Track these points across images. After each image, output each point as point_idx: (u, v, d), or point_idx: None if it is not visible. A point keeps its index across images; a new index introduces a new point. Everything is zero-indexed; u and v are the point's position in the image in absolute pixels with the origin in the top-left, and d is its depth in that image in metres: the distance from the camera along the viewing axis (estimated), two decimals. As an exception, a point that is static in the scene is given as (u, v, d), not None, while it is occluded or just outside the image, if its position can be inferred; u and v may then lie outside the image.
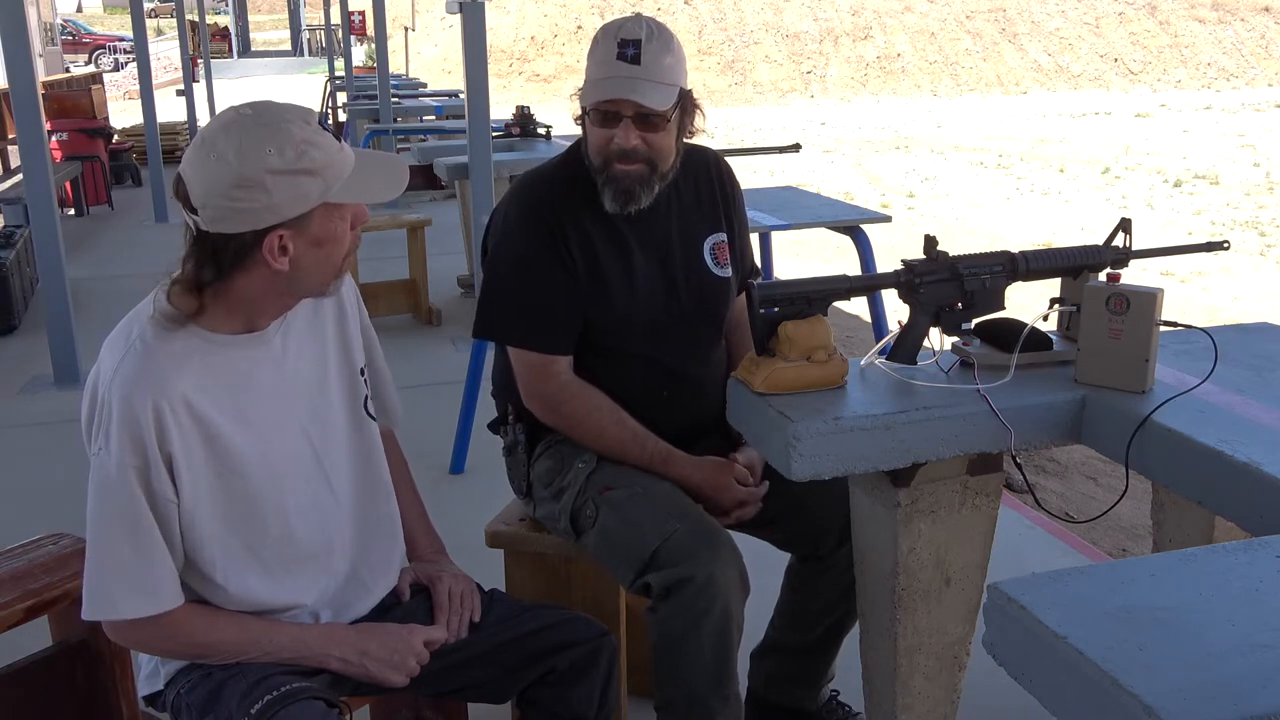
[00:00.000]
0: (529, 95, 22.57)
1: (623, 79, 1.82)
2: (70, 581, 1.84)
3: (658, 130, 1.85)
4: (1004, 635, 1.04)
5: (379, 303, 5.51)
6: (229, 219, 1.39)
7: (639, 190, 1.89)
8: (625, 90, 1.81)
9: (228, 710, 1.47)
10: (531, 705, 1.70)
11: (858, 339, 5.74)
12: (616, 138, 1.85)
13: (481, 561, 2.02)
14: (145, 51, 9.03)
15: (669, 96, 1.84)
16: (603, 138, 1.87)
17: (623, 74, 1.82)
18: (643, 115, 1.83)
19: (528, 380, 1.96)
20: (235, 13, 37.97)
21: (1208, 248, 1.91)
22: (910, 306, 1.72)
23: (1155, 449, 1.52)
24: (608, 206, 1.90)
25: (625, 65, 1.81)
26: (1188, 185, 12.16)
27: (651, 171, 1.88)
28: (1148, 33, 28.26)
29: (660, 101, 1.82)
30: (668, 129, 1.87)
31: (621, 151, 1.85)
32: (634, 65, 1.81)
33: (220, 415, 1.47)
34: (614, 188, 1.88)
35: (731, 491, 1.94)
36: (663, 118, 1.84)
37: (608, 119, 1.85)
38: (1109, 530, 3.68)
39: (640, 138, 1.84)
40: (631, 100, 1.81)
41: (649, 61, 1.82)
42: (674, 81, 1.85)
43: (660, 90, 1.82)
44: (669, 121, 1.86)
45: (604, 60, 1.84)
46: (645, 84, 1.81)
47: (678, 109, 1.87)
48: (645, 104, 1.81)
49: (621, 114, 1.83)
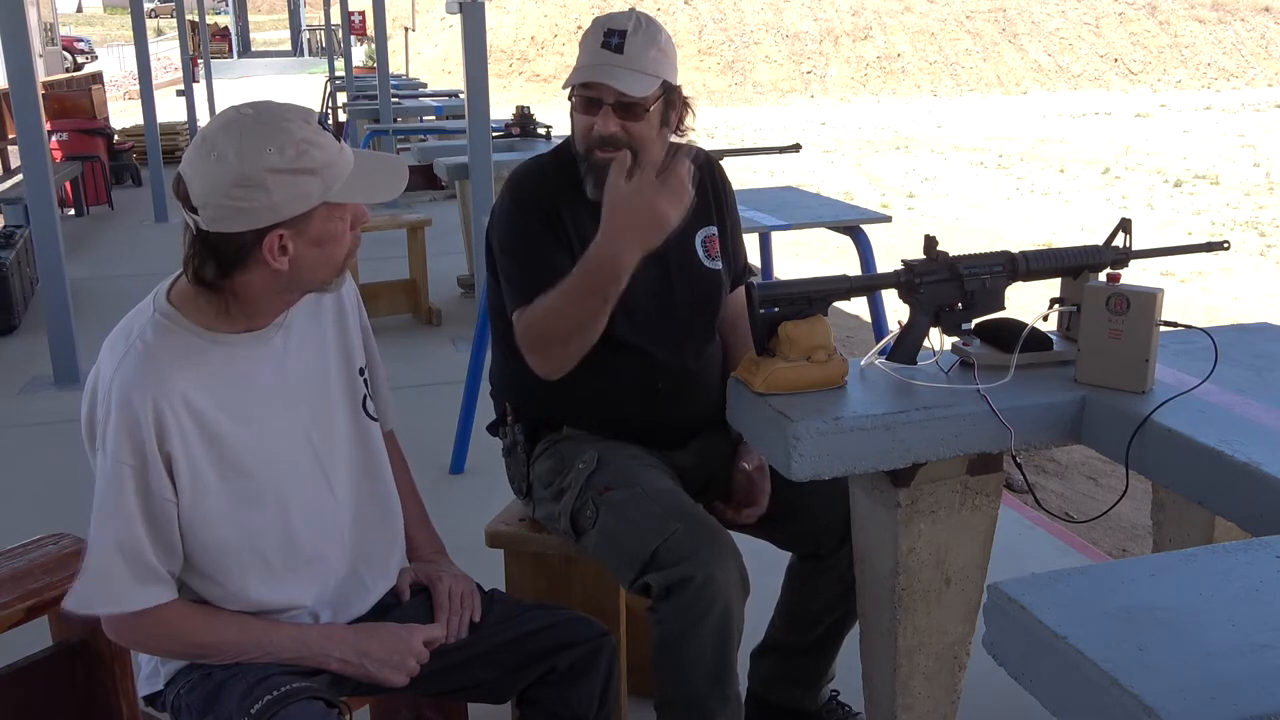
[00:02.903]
0: (529, 95, 22.58)
1: (602, 65, 1.85)
2: (70, 581, 1.84)
3: (638, 119, 1.87)
4: (1004, 635, 1.04)
5: (379, 303, 5.51)
6: (229, 218, 1.39)
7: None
8: (603, 75, 1.84)
9: (228, 710, 1.47)
10: (531, 705, 1.70)
11: (858, 339, 5.74)
12: (597, 124, 1.87)
13: (481, 561, 2.01)
14: (145, 51, 9.03)
15: (648, 85, 1.85)
16: (585, 124, 1.90)
17: (603, 61, 1.85)
18: (623, 104, 1.85)
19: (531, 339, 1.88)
20: (235, 13, 38.01)
21: (1208, 248, 1.91)
22: (910, 306, 1.72)
23: (1155, 449, 1.52)
24: (589, 193, 1.92)
25: (608, 53, 1.85)
26: (1188, 185, 12.16)
27: (633, 161, 1.89)
28: (1148, 33, 28.28)
29: (638, 88, 1.84)
30: (647, 118, 1.88)
31: (601, 138, 1.87)
32: (616, 54, 1.84)
33: (220, 415, 1.47)
34: (595, 175, 1.90)
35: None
36: (641, 105, 1.86)
37: (590, 105, 1.88)
38: (1109, 530, 3.68)
39: (620, 125, 1.86)
40: (609, 85, 1.84)
41: (632, 51, 1.84)
42: (656, 73, 1.87)
43: (639, 79, 1.84)
44: (648, 111, 1.88)
45: (589, 48, 1.88)
46: (624, 71, 1.84)
47: (661, 102, 1.89)
48: (621, 89, 1.83)
49: (603, 101, 1.86)
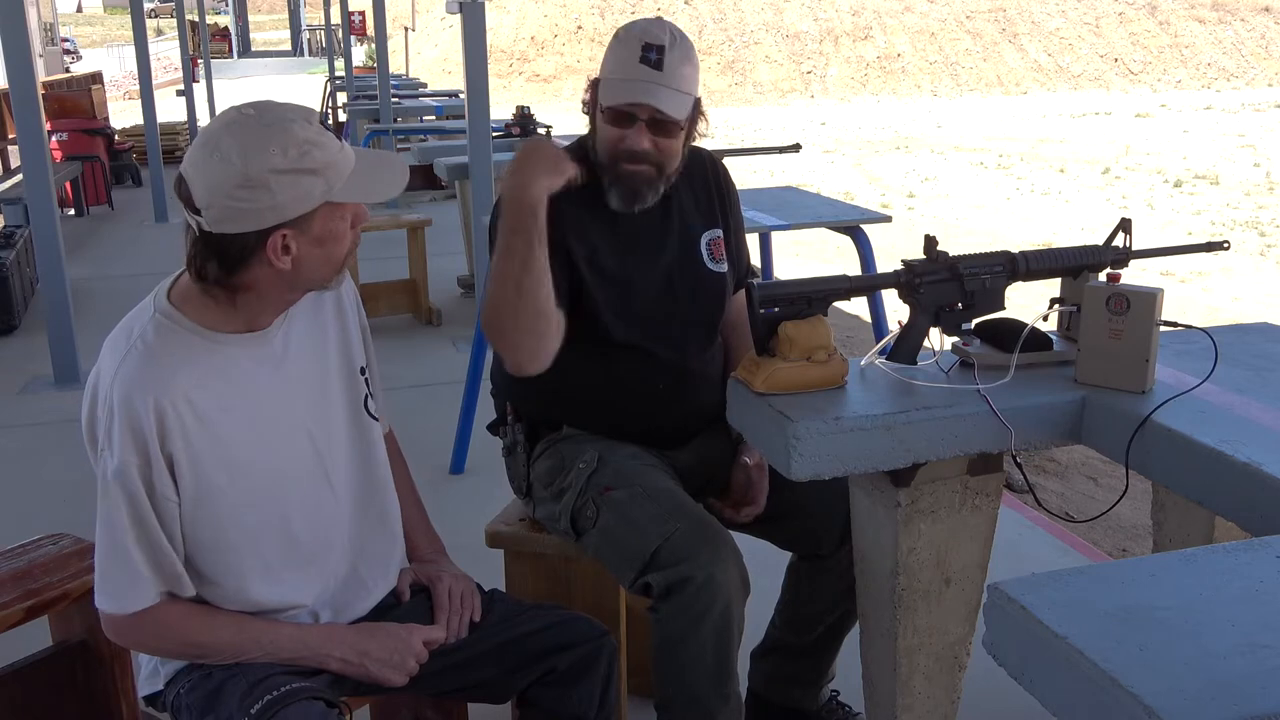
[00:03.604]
0: (529, 95, 22.59)
1: (644, 83, 1.82)
2: (70, 581, 1.85)
3: (670, 136, 1.87)
4: (1004, 635, 1.04)
5: (379, 303, 5.51)
6: (233, 219, 1.39)
7: (645, 190, 1.91)
8: (646, 95, 1.82)
9: (227, 710, 1.47)
10: (531, 705, 1.70)
11: (858, 339, 5.74)
12: (628, 139, 1.86)
13: (481, 561, 2.01)
14: (145, 51, 9.03)
15: (686, 105, 1.86)
16: (615, 136, 1.88)
17: (645, 78, 1.82)
18: (658, 121, 1.84)
19: None
20: (235, 13, 38.00)
21: (1208, 248, 1.91)
22: (910, 306, 1.72)
23: (1155, 449, 1.52)
24: (613, 204, 1.92)
25: (648, 70, 1.82)
26: (1188, 185, 12.16)
27: (658, 174, 1.90)
28: (1148, 33, 28.27)
29: (678, 110, 1.84)
30: (679, 135, 1.89)
31: (631, 153, 1.86)
32: (656, 70, 1.82)
33: (222, 414, 1.47)
34: (621, 187, 1.90)
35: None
36: (676, 125, 1.86)
37: (621, 119, 1.86)
38: (1109, 530, 3.68)
39: (652, 141, 1.86)
40: (650, 105, 1.83)
41: (671, 68, 1.82)
42: (691, 91, 1.87)
43: (679, 99, 1.84)
44: (682, 129, 1.88)
45: (626, 61, 1.84)
46: (666, 91, 1.82)
47: (690, 118, 1.90)
48: (665, 111, 1.83)
49: (637, 116, 1.85)
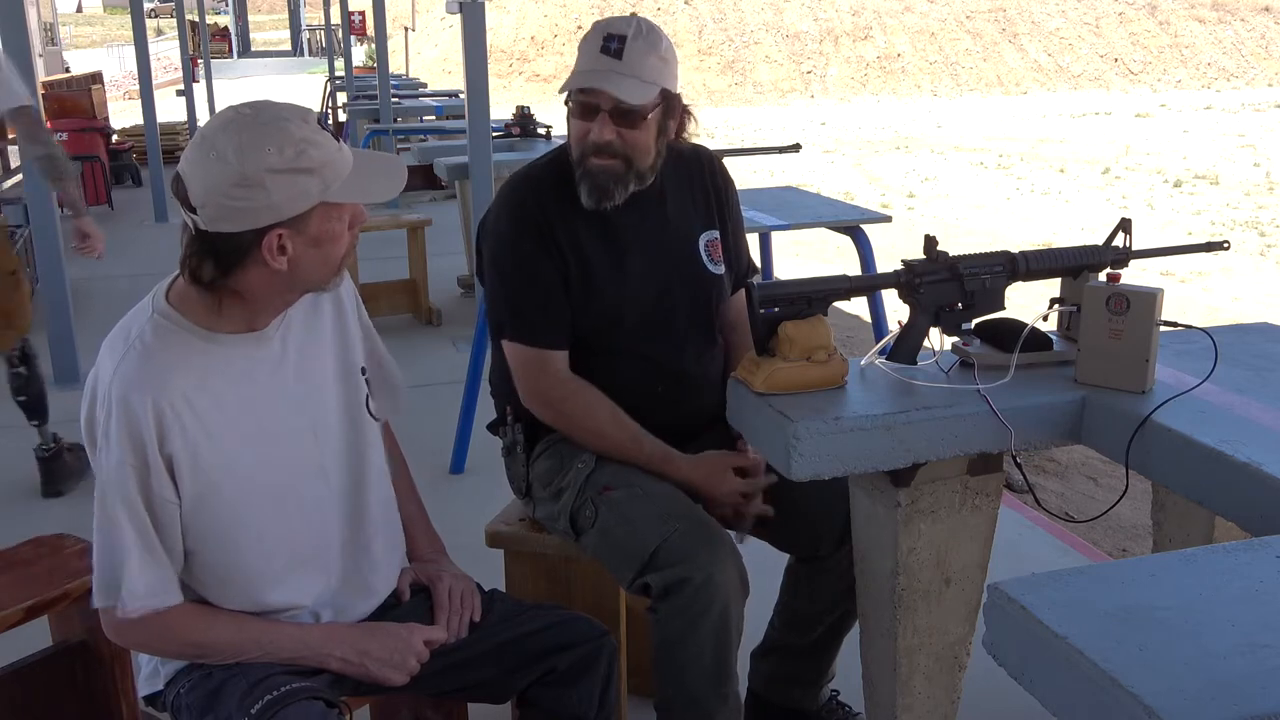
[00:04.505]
0: (529, 95, 22.56)
1: (601, 71, 1.82)
2: (70, 581, 1.84)
3: (635, 127, 1.85)
4: (1004, 635, 1.04)
5: (379, 303, 5.51)
6: (229, 218, 1.39)
7: (613, 186, 1.89)
8: (603, 82, 1.82)
9: (227, 710, 1.47)
10: (531, 705, 1.70)
11: (858, 339, 5.73)
12: (593, 131, 1.85)
13: (481, 561, 2.01)
14: (145, 51, 9.03)
15: (647, 93, 1.84)
16: (581, 130, 1.88)
17: (602, 66, 1.83)
18: (621, 111, 1.83)
19: (525, 377, 1.96)
20: (235, 13, 37.98)
21: (1208, 248, 1.91)
22: (910, 306, 1.72)
23: (1155, 449, 1.51)
24: (583, 201, 1.91)
25: (607, 59, 1.82)
26: (1188, 185, 12.16)
27: (627, 168, 1.88)
28: (1148, 33, 28.26)
29: (636, 96, 1.82)
30: (644, 126, 1.86)
31: (596, 146, 1.86)
32: (615, 59, 1.82)
33: (221, 415, 1.47)
34: (589, 182, 1.89)
35: (729, 484, 1.94)
36: (639, 114, 1.84)
37: (586, 111, 1.86)
38: (1109, 530, 3.68)
39: (616, 132, 1.85)
40: (607, 91, 1.82)
41: (631, 58, 1.82)
42: (655, 80, 1.85)
43: (639, 87, 1.83)
44: (646, 119, 1.86)
45: (588, 52, 1.85)
46: (622, 78, 1.82)
47: (660, 110, 1.88)
48: (619, 96, 1.81)
49: (600, 107, 1.84)
